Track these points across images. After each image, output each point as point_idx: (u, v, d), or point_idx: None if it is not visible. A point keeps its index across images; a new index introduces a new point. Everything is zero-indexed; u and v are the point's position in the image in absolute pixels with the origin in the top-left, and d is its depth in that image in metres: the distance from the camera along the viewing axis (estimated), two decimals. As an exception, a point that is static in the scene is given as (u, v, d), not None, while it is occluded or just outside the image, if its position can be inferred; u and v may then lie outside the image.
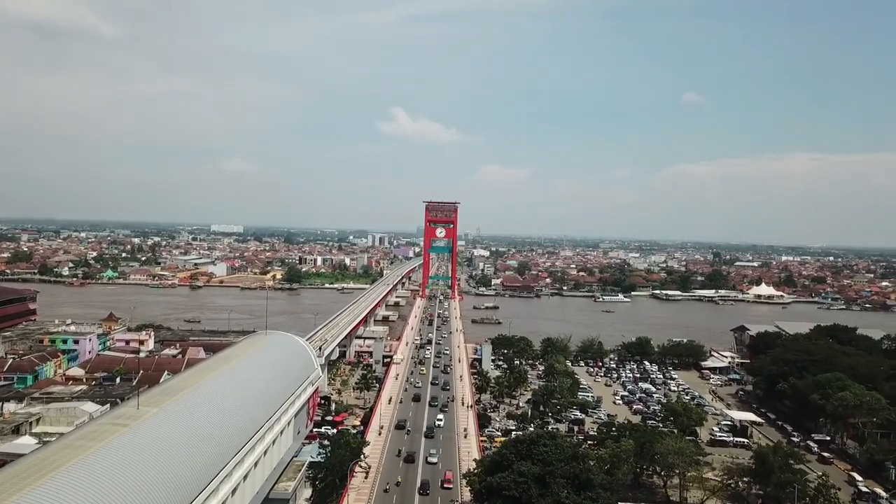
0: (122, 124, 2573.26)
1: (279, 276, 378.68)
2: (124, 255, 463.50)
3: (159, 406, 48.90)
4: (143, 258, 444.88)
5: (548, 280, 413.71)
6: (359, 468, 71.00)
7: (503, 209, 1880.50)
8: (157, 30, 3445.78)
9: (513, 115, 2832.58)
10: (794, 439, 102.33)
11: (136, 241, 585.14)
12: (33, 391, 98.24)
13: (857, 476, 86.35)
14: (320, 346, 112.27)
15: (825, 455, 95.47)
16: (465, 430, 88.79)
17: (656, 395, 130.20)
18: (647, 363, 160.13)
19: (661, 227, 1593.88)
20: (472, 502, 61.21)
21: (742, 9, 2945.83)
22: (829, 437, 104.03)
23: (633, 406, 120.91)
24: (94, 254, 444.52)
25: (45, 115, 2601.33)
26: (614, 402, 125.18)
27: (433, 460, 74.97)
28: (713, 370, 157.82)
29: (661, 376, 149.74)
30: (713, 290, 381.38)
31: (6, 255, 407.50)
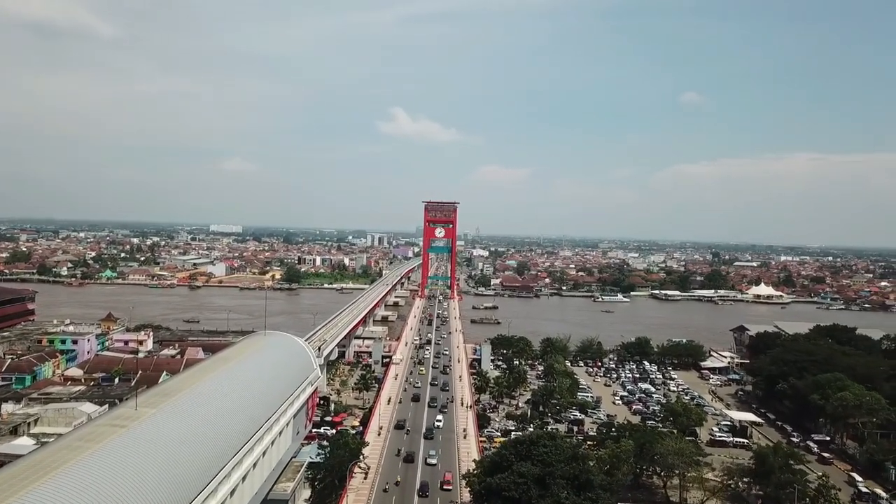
0: (122, 124, 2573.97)
1: (278, 277, 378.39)
2: (123, 255, 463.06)
3: (157, 407, 48.72)
4: (142, 258, 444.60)
5: (547, 280, 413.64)
6: (358, 469, 70.81)
7: (502, 209, 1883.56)
8: (157, 30, 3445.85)
9: (512, 115, 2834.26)
10: (793, 440, 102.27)
11: (135, 241, 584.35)
12: (31, 392, 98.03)
13: (857, 476, 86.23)
14: (319, 347, 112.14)
15: (825, 455, 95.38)
16: (464, 430, 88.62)
17: (656, 396, 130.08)
18: (646, 363, 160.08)
19: (660, 228, 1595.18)
20: (472, 503, 61.06)
21: (742, 9, 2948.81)
22: (828, 438, 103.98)
23: (633, 406, 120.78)
24: (93, 254, 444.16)
25: (44, 115, 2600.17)
26: (614, 403, 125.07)
27: (432, 461, 74.75)
28: (713, 370, 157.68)
29: (661, 376, 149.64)
30: (712, 290, 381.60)
31: (5, 255, 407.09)
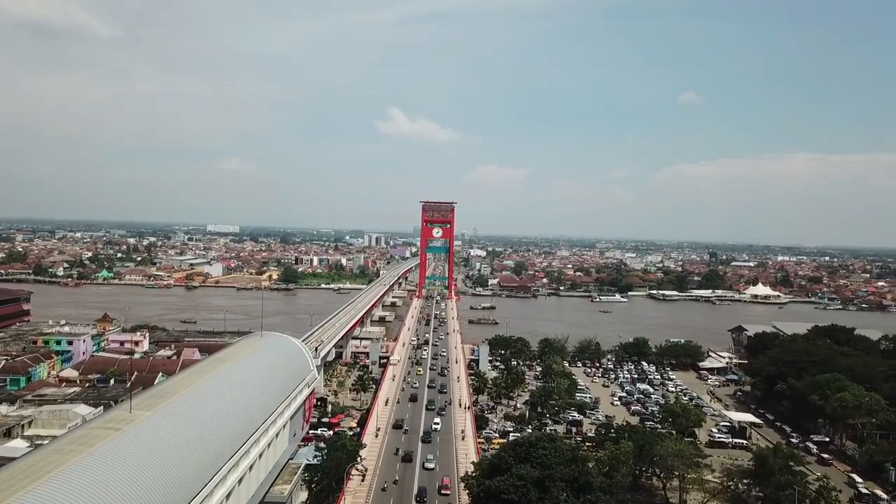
0: (121, 124, 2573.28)
1: (275, 277, 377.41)
2: (120, 255, 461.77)
3: (152, 409, 48.14)
4: (139, 258, 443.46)
5: (544, 280, 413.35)
6: (355, 471, 70.24)
7: (500, 209, 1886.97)
8: (157, 30, 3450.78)
9: (510, 115, 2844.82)
10: (792, 440, 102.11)
11: (132, 241, 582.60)
12: (26, 393, 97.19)
13: (857, 477, 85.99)
14: (316, 347, 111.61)
15: (824, 456, 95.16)
16: (462, 432, 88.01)
17: (654, 396, 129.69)
18: (644, 364, 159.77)
19: (658, 228, 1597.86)
20: (471, 506, 60.47)
21: (741, 9, 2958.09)
22: (828, 439, 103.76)
23: (632, 407, 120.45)
24: (90, 254, 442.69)
25: (43, 115, 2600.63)
26: (612, 403, 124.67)
27: (430, 465, 73.70)
28: (711, 371, 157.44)
29: (659, 377, 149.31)
30: (710, 290, 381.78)
31: (0, 255, 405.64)
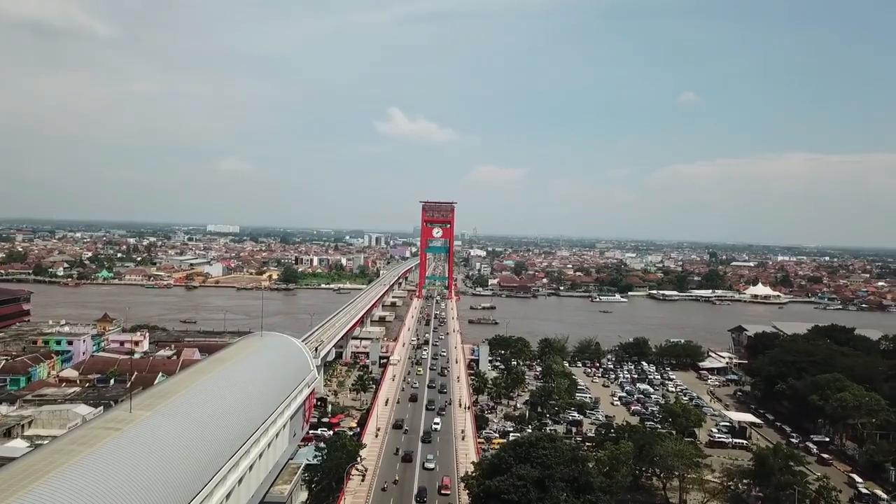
0: (121, 124, 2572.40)
1: (275, 277, 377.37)
2: (120, 255, 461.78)
3: (152, 409, 48.14)
4: (139, 258, 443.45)
5: (544, 280, 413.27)
6: (355, 471, 70.22)
7: (499, 209, 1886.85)
8: (157, 30, 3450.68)
9: (509, 115, 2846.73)
10: (792, 440, 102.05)
11: (132, 241, 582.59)
12: (26, 393, 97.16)
13: (857, 477, 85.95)
14: (316, 347, 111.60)
15: (824, 456, 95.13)
16: (462, 432, 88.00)
17: (654, 396, 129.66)
18: (644, 364, 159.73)
19: (657, 227, 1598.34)
20: (471, 506, 60.44)
21: (740, 9, 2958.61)
22: (828, 439, 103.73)
23: (632, 407, 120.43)
24: (90, 254, 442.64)
25: (43, 115, 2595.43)
26: (612, 403, 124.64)
27: (430, 466, 73.55)
28: (711, 371, 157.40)
29: (659, 377, 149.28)
30: (710, 290, 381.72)
31: (0, 255, 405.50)
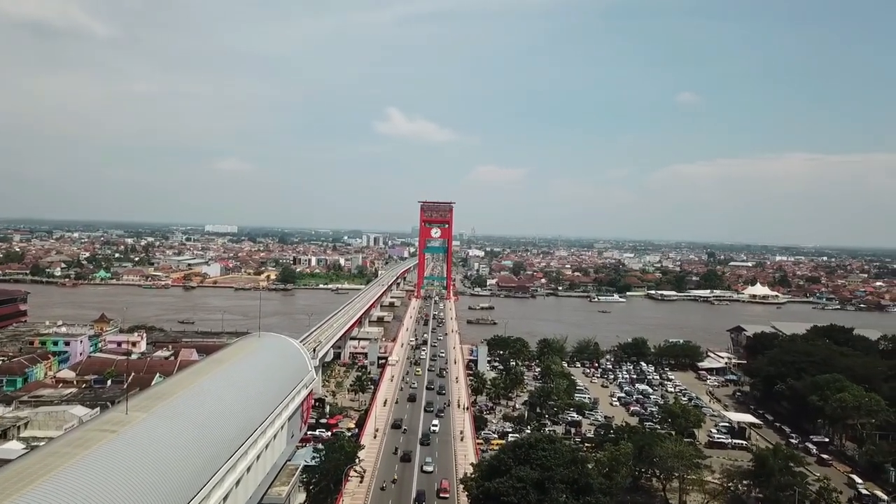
0: (121, 124, 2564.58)
1: (273, 277, 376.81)
2: (117, 255, 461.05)
3: (149, 411, 47.83)
4: (137, 259, 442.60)
5: (543, 280, 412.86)
6: (353, 472, 69.79)
7: (498, 209, 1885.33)
8: (157, 30, 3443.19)
9: (509, 115, 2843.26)
10: (792, 441, 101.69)
11: (130, 241, 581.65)
12: (22, 394, 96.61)
13: (857, 478, 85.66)
14: (314, 348, 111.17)
15: (824, 457, 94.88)
16: (461, 432, 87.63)
17: (653, 397, 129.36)
18: (643, 364, 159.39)
19: (657, 228, 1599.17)
20: (470, 508, 60.05)
21: (740, 9, 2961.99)
22: (827, 439, 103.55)
23: (631, 408, 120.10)
24: (87, 254, 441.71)
25: (43, 115, 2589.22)
26: (611, 404, 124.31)
27: (429, 469, 72.70)
28: (710, 371, 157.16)
29: (658, 377, 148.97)
30: (708, 291, 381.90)
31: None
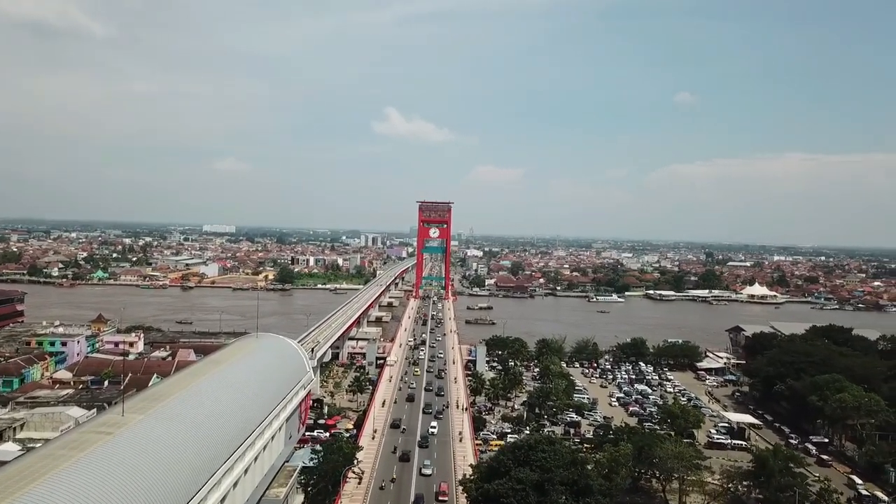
0: (121, 124, 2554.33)
1: (271, 277, 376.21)
2: (115, 255, 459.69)
3: (145, 413, 47.45)
4: (134, 259, 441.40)
5: (541, 280, 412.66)
6: (352, 474, 69.40)
7: (497, 209, 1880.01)
8: (156, 30, 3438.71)
9: (507, 115, 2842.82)
10: (791, 441, 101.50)
11: (128, 241, 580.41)
12: (18, 395, 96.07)
13: (857, 479, 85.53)
14: (312, 348, 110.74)
15: (824, 458, 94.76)
16: (459, 433, 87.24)
17: (652, 397, 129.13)
18: (642, 364, 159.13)
19: (655, 228, 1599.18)
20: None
21: (739, 9, 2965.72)
22: (827, 440, 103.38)
23: (630, 408, 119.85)
24: (85, 254, 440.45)
25: (43, 115, 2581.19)
26: (610, 404, 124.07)
27: (427, 472, 72.05)
28: (709, 371, 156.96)
29: (657, 377, 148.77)
30: (707, 290, 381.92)
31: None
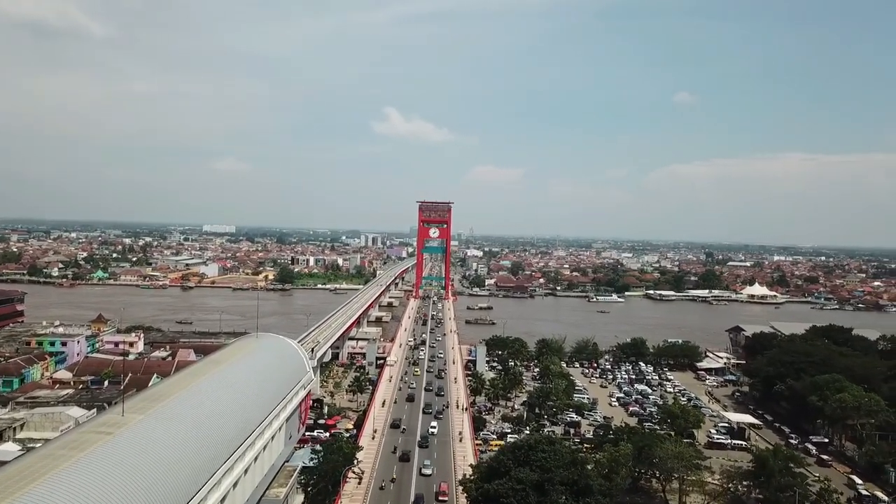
0: (121, 124, 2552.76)
1: (271, 277, 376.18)
2: (115, 255, 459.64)
3: (145, 413, 47.43)
4: (134, 259, 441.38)
5: (541, 280, 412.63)
6: (352, 474, 69.40)
7: (497, 209, 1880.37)
8: (156, 30, 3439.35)
9: (507, 115, 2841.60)
10: (791, 441, 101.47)
11: (128, 241, 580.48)
12: (18, 395, 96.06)
13: (857, 479, 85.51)
14: (312, 348, 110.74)
15: (824, 458, 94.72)
16: (459, 433, 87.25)
17: (652, 397, 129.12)
18: (642, 364, 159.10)
19: (655, 228, 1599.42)
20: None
21: (738, 9, 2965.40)
22: (827, 440, 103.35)
23: (630, 408, 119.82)
24: (85, 254, 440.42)
25: (43, 115, 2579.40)
26: (610, 405, 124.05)
27: (427, 472, 72.04)
28: (709, 371, 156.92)
29: (657, 377, 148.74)
30: (707, 290, 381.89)
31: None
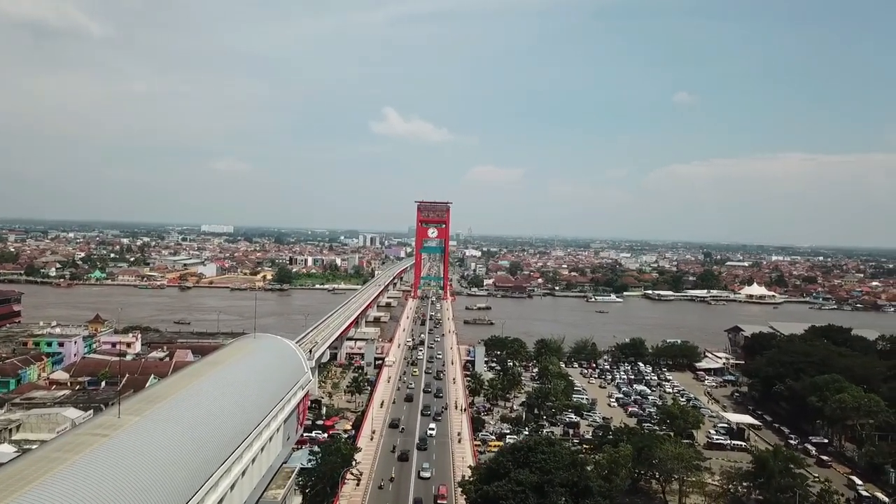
0: (121, 124, 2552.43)
1: (269, 277, 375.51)
2: (113, 255, 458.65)
3: (142, 414, 47.07)
4: (132, 259, 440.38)
5: (540, 280, 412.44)
6: (350, 475, 69.02)
7: (496, 209, 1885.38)
8: (156, 30, 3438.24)
9: (506, 115, 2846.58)
10: (791, 442, 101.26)
11: (125, 241, 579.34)
12: (14, 396, 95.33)
13: (857, 479, 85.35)
14: (311, 349, 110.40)
15: (823, 458, 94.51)
16: (458, 434, 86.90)
17: (651, 397, 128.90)
18: (641, 364, 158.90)
19: (654, 228, 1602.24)
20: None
21: (738, 9, 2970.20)
22: (826, 440, 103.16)
23: (629, 408, 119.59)
24: (83, 254, 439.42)
25: (43, 115, 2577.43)
26: (609, 405, 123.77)
27: (426, 474, 71.48)
28: (708, 371, 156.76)
29: (656, 378, 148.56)
30: (705, 291, 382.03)
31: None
